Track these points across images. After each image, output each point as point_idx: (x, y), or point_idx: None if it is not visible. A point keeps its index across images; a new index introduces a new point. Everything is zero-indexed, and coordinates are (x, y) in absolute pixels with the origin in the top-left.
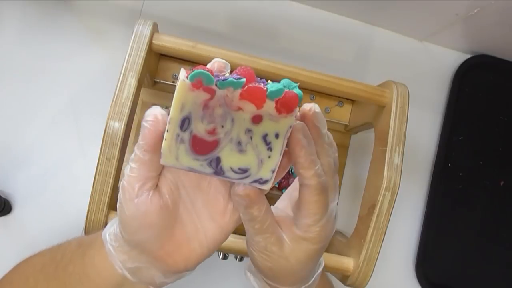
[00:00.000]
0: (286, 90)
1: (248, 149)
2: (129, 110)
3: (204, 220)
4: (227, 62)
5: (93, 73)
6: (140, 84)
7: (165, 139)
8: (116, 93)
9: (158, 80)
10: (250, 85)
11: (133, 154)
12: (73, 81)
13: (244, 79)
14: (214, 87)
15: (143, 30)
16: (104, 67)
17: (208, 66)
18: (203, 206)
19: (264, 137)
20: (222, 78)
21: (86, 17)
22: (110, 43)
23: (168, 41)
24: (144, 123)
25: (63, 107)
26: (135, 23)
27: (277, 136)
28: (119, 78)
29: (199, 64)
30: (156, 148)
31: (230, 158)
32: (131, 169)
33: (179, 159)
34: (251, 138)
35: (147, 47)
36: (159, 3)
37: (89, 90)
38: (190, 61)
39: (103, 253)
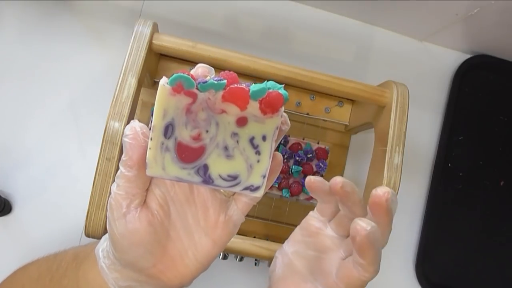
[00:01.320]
0: (270, 90)
1: (236, 154)
2: (129, 110)
3: (196, 234)
4: (211, 67)
5: (93, 73)
6: (140, 84)
7: (150, 148)
8: (116, 93)
9: (158, 80)
10: (232, 86)
11: (118, 171)
12: (73, 81)
13: (225, 81)
14: (195, 90)
15: (143, 30)
16: (104, 67)
17: (192, 71)
18: (194, 220)
19: (251, 140)
20: (203, 81)
21: (86, 17)
22: (110, 43)
23: (168, 41)
24: (124, 139)
25: (63, 107)
26: (135, 23)
27: (264, 138)
28: (119, 78)
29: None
30: (140, 162)
31: (218, 165)
32: (117, 187)
33: (165, 169)
34: (237, 142)
35: (147, 47)
36: (159, 3)
37: (89, 90)
38: (190, 61)
39: (97, 269)
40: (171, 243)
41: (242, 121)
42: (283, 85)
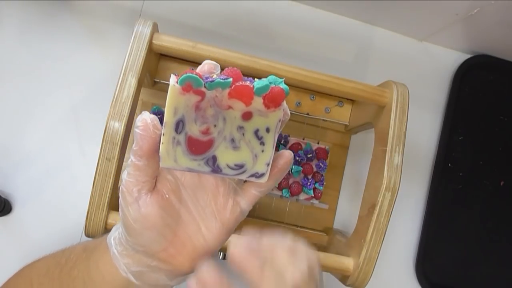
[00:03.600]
0: (272, 85)
1: (242, 145)
2: (129, 110)
3: (205, 218)
4: (217, 64)
5: (93, 73)
6: (140, 84)
7: (162, 143)
8: (116, 93)
9: (158, 80)
10: (237, 84)
11: (129, 160)
12: (73, 81)
13: (231, 79)
14: (203, 89)
15: (143, 30)
16: (104, 67)
17: (199, 68)
18: (203, 204)
19: (256, 132)
20: (210, 79)
21: (86, 17)
22: (110, 43)
23: (168, 41)
24: (135, 129)
25: (63, 107)
26: (135, 23)
27: (268, 130)
28: (119, 78)
29: (199, 64)
30: (150, 152)
31: (225, 156)
32: (128, 174)
33: (177, 161)
34: (243, 134)
35: (147, 47)
36: (159, 3)
37: (89, 90)
38: (190, 61)
39: (108, 257)
40: (182, 226)
41: (247, 116)
42: (283, 78)
